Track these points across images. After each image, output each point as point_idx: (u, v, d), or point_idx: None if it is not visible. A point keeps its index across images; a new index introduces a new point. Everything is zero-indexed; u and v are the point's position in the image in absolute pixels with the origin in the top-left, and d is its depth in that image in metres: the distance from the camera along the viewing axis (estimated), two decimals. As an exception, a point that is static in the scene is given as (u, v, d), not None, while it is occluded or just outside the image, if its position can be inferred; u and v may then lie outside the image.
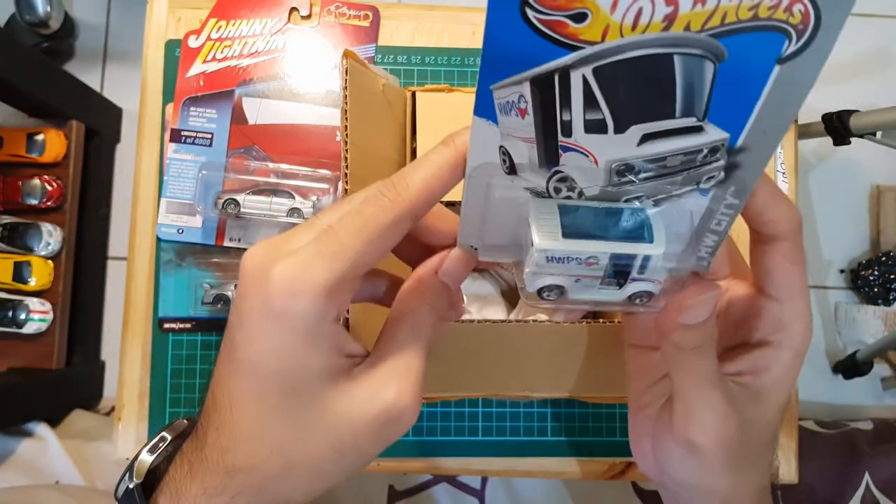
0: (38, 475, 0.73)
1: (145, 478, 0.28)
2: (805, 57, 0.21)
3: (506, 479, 0.61)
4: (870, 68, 1.21)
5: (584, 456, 0.52)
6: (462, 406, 0.52)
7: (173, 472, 0.25)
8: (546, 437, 0.52)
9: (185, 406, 0.52)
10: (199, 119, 0.52)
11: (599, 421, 0.53)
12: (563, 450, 0.52)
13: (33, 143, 0.92)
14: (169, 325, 0.52)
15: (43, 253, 0.91)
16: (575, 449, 0.52)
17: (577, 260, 0.24)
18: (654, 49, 0.21)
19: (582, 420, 0.53)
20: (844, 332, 1.16)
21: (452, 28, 0.56)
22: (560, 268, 0.24)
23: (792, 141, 0.54)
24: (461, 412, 0.52)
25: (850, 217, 1.20)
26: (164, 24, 0.55)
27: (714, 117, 0.22)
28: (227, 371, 0.24)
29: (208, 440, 0.24)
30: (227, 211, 0.50)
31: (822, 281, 1.19)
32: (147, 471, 0.28)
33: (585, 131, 0.22)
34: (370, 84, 0.37)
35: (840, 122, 0.82)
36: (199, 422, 0.25)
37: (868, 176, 1.20)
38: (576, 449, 0.52)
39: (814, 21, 0.21)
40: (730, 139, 0.22)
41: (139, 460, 0.28)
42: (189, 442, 0.25)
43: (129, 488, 0.27)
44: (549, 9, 0.20)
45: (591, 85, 0.21)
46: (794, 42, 0.21)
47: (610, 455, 0.52)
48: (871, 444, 0.76)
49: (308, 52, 0.54)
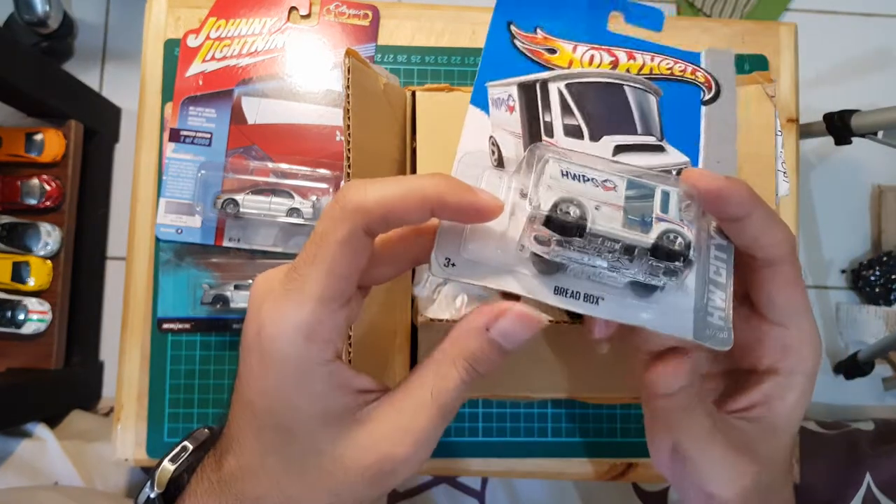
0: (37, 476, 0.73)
1: (167, 487, 0.28)
2: (721, 101, 0.28)
3: (506, 480, 0.61)
4: (871, 68, 1.21)
5: (584, 457, 0.52)
6: (462, 407, 0.52)
7: (195, 485, 0.25)
8: (546, 438, 0.52)
9: (184, 406, 0.51)
10: (198, 119, 0.52)
11: (600, 422, 0.52)
12: (563, 450, 0.52)
13: (32, 143, 0.92)
14: (168, 326, 0.52)
15: (42, 253, 0.91)
16: (575, 450, 0.52)
17: (594, 181, 0.23)
18: (608, 79, 0.27)
19: (582, 421, 0.52)
20: (845, 333, 1.16)
21: (452, 28, 0.55)
22: (576, 186, 0.23)
23: (793, 140, 0.54)
24: (461, 413, 0.52)
25: (851, 217, 1.19)
26: (163, 23, 0.55)
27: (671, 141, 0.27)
28: (235, 398, 0.24)
29: (224, 463, 0.24)
30: (226, 211, 0.49)
31: (823, 281, 1.19)
32: (169, 480, 0.28)
33: (565, 134, 0.26)
34: (372, 83, 0.37)
35: (841, 121, 0.82)
36: (220, 439, 0.25)
37: (869, 176, 1.19)
38: (576, 450, 0.52)
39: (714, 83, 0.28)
40: (692, 162, 0.27)
41: (161, 469, 0.28)
42: (209, 458, 0.25)
43: (151, 497, 0.27)
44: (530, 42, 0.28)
45: (565, 95, 0.27)
46: (707, 92, 0.28)
47: (611, 456, 0.52)
48: (873, 444, 0.75)
49: (307, 52, 0.54)
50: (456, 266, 0.23)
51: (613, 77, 0.27)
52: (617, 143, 0.26)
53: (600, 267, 0.22)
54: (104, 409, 0.97)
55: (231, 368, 0.52)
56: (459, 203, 0.21)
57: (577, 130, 0.26)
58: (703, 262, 0.24)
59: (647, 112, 0.27)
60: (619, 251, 0.22)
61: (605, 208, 0.22)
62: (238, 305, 0.50)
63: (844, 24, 1.23)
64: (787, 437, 0.27)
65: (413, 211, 0.21)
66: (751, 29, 0.56)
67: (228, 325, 0.51)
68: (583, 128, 0.26)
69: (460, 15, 0.56)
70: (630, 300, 0.23)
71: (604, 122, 0.27)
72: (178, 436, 0.51)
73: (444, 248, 0.23)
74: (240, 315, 0.51)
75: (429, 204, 0.21)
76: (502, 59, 0.28)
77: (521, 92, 0.27)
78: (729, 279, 0.24)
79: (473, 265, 0.23)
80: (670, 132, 0.27)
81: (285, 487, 0.23)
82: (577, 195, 0.22)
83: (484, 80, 0.27)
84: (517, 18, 0.29)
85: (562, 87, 0.27)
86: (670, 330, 0.23)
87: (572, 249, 0.22)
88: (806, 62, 0.58)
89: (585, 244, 0.22)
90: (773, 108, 0.38)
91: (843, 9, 1.23)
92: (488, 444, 0.52)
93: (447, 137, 0.40)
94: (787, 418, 0.26)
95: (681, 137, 0.27)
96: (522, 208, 0.23)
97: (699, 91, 0.28)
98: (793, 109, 0.55)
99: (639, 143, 0.26)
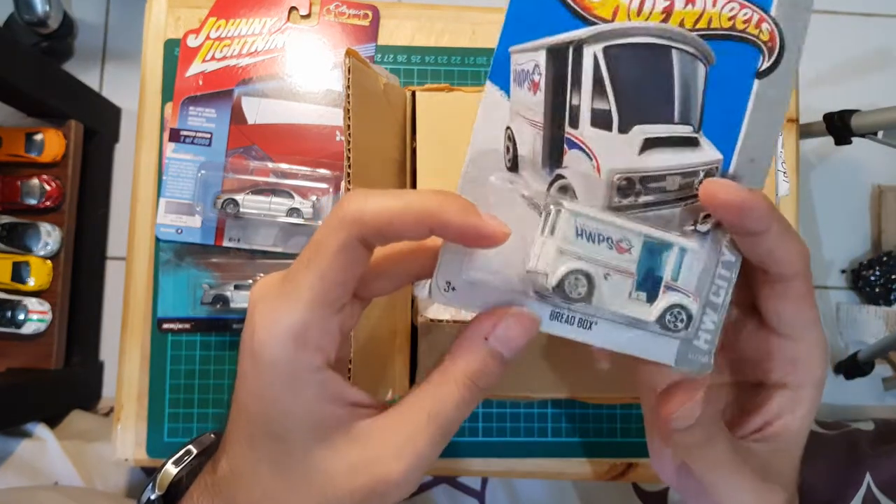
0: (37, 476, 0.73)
1: (168, 490, 0.28)
2: (777, 74, 0.23)
3: (506, 480, 0.61)
4: (871, 68, 1.21)
5: (584, 457, 0.52)
6: (462, 407, 0.52)
7: (194, 490, 0.25)
8: (546, 438, 0.52)
9: (184, 406, 0.51)
10: (198, 119, 0.52)
11: (600, 422, 0.52)
12: (563, 450, 0.52)
13: (32, 143, 0.92)
14: (168, 326, 0.52)
15: (42, 253, 0.91)
16: (575, 450, 0.52)
17: (609, 241, 0.22)
18: (656, 38, 0.22)
19: (582, 421, 0.52)
20: (845, 333, 1.16)
21: (452, 28, 0.55)
22: (590, 248, 0.22)
23: (793, 140, 0.54)
24: (461, 413, 0.52)
25: (851, 217, 1.19)
26: (164, 23, 0.55)
27: (707, 131, 0.23)
28: (233, 401, 0.23)
29: (218, 467, 0.24)
30: (226, 211, 0.49)
31: (824, 281, 1.19)
32: (170, 483, 0.28)
33: (592, 124, 0.22)
34: (372, 83, 0.37)
35: (841, 121, 0.82)
36: (220, 445, 0.25)
37: (869, 176, 1.19)
38: (576, 450, 0.52)
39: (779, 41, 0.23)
40: (723, 161, 0.23)
41: (163, 471, 0.28)
42: (210, 463, 0.25)
43: (151, 499, 0.27)
44: None
45: (600, 66, 0.22)
46: (767, 59, 0.23)
47: (611, 456, 0.52)
48: (873, 444, 0.75)
49: (307, 52, 0.54)
50: (456, 290, 0.22)
51: (663, 35, 0.22)
52: (647, 136, 0.23)
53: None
54: (104, 409, 0.97)
55: (231, 368, 0.52)
56: (461, 227, 0.20)
57: (607, 118, 0.22)
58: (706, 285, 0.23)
59: (690, 89, 0.23)
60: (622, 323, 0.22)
61: (615, 276, 0.22)
62: (238, 305, 0.50)
63: (844, 24, 1.23)
64: (798, 451, 0.26)
65: (410, 227, 0.21)
66: (751, 29, 0.56)
67: (228, 325, 0.51)
68: (613, 114, 0.22)
69: (460, 15, 0.56)
70: (622, 328, 0.23)
71: (639, 104, 0.23)
72: (179, 436, 0.51)
73: (445, 270, 0.22)
74: (240, 315, 0.51)
75: (428, 222, 0.20)
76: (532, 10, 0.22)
77: (550, 58, 0.22)
78: (727, 299, 0.23)
79: (473, 288, 0.22)
80: (710, 116, 0.23)
81: (276, 498, 0.22)
82: (588, 261, 0.21)
83: (507, 44, 0.22)
84: None
85: (598, 51, 0.22)
86: (651, 355, 0.23)
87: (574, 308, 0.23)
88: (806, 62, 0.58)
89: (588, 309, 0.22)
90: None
91: (843, 9, 1.23)
92: (488, 444, 0.52)
93: (447, 137, 0.40)
94: (798, 433, 0.26)
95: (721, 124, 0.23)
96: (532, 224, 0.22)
97: (757, 56, 0.23)
98: (793, 109, 0.55)
99: (671, 136, 0.23)
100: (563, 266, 0.21)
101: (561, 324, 0.23)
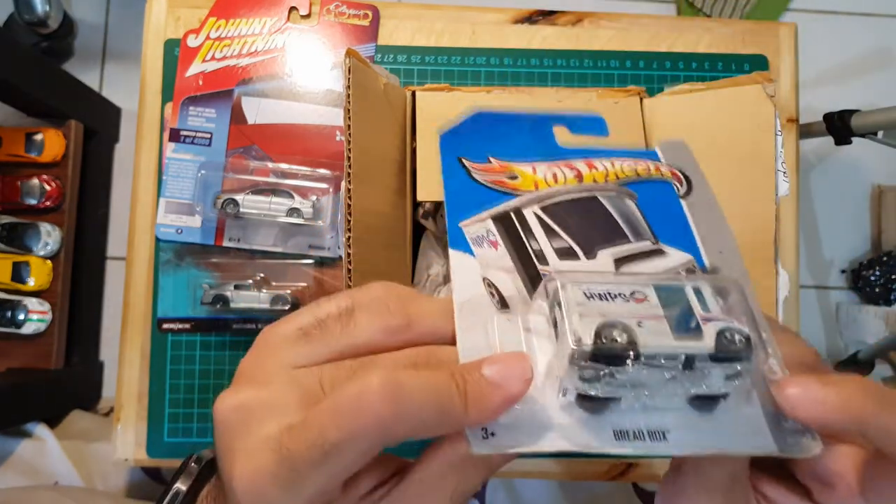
0: (37, 476, 0.73)
1: None
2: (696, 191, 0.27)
3: (506, 480, 0.61)
4: (870, 68, 1.21)
5: (584, 457, 0.52)
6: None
7: None
8: (547, 438, 0.52)
9: (184, 406, 0.51)
10: (198, 118, 0.52)
11: (600, 422, 0.52)
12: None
13: (32, 143, 0.92)
14: (168, 326, 0.51)
15: (42, 253, 0.91)
16: (576, 450, 0.52)
17: (623, 296, 0.20)
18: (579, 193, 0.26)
19: (583, 421, 0.52)
20: (846, 333, 1.16)
21: (452, 28, 0.55)
22: (608, 306, 0.20)
23: (793, 140, 0.54)
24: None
25: (851, 217, 1.20)
26: (163, 23, 0.55)
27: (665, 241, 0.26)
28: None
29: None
30: (226, 211, 0.49)
31: (824, 281, 1.19)
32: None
33: (559, 258, 0.25)
34: (372, 83, 0.37)
35: (841, 121, 0.82)
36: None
37: (869, 176, 1.20)
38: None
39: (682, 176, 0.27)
40: (696, 259, 0.25)
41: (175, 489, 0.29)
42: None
43: None
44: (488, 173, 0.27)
45: (543, 218, 0.26)
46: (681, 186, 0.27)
47: (610, 456, 0.52)
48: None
49: (307, 52, 0.54)
50: (496, 435, 0.20)
51: (585, 190, 0.26)
52: (616, 257, 0.24)
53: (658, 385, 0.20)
54: (104, 409, 0.97)
55: (231, 369, 0.52)
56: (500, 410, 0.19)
57: (570, 251, 0.25)
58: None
59: (630, 217, 0.26)
60: (680, 366, 0.19)
61: (648, 323, 0.19)
62: (238, 305, 0.50)
63: (844, 24, 1.23)
64: None
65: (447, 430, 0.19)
66: (751, 29, 0.56)
67: (228, 325, 0.51)
68: (574, 247, 0.25)
69: (460, 15, 0.56)
70: (696, 421, 0.20)
71: (593, 236, 0.25)
72: (179, 436, 0.51)
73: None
74: (240, 315, 0.51)
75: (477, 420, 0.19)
76: (466, 196, 0.26)
77: (499, 224, 0.25)
78: (784, 372, 0.21)
79: (513, 429, 0.20)
80: (660, 232, 0.26)
81: None
82: (614, 316, 0.19)
83: (455, 222, 0.26)
84: (464, 153, 0.28)
85: (537, 210, 0.26)
86: (752, 449, 0.20)
87: (626, 378, 0.19)
88: (806, 62, 0.58)
89: (641, 369, 0.19)
90: (773, 108, 0.38)
91: (843, 9, 1.23)
92: (488, 444, 0.52)
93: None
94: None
95: (673, 235, 0.26)
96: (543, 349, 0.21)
97: (671, 186, 0.27)
98: (793, 109, 0.55)
99: (638, 252, 0.25)
100: (593, 324, 0.19)
101: (631, 441, 0.20)
